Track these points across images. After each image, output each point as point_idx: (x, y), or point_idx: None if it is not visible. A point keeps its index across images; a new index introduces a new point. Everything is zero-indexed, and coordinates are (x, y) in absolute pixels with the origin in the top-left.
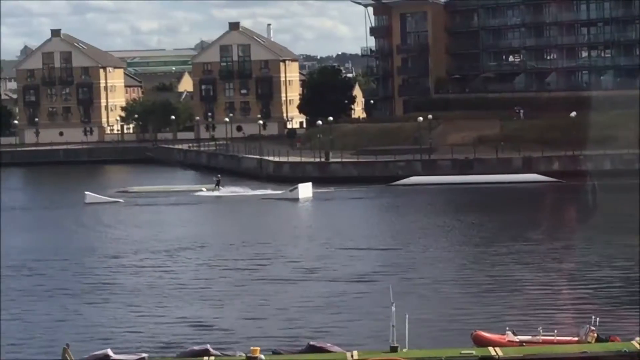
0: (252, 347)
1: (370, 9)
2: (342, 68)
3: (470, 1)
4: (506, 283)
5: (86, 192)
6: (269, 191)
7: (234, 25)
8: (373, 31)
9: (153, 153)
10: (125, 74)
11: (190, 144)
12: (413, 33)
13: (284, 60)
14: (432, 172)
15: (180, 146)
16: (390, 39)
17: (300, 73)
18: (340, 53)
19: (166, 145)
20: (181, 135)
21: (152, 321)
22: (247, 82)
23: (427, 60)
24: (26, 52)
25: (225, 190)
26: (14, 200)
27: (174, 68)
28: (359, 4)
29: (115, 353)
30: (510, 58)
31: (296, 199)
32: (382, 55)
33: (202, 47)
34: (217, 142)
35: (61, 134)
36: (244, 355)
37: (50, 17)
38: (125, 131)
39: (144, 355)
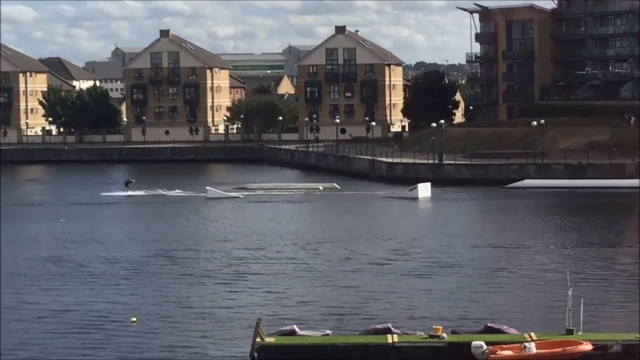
0: (434, 326)
1: (476, 16)
2: None
3: (577, 9)
4: None
5: (208, 188)
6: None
7: (340, 29)
8: (478, 37)
9: (261, 153)
10: (229, 75)
11: (297, 145)
12: (519, 40)
13: (388, 65)
14: (545, 175)
15: (287, 146)
16: (495, 45)
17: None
18: (419, 61)
19: (272, 146)
20: (285, 136)
21: (323, 302)
22: (352, 85)
23: (532, 67)
24: (117, 53)
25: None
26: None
27: (268, 71)
28: (465, 10)
29: (300, 329)
30: (617, 66)
31: (415, 198)
32: (487, 61)
33: (291, 52)
34: (326, 144)
35: (167, 132)
36: (424, 333)
37: (128, 21)
38: (229, 131)
39: (328, 331)
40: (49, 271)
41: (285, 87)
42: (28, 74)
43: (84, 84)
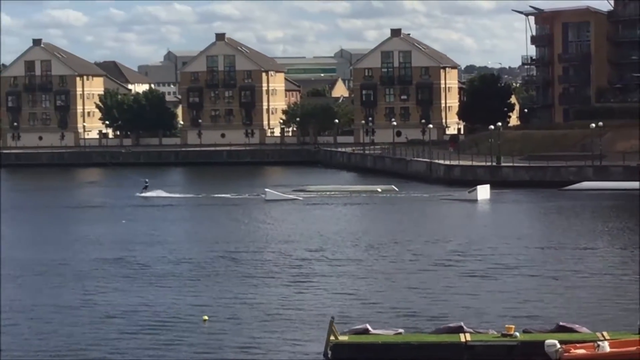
0: (506, 325)
1: (532, 18)
2: None
3: (634, 11)
4: None
5: (266, 190)
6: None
7: (396, 32)
8: (534, 40)
9: (317, 155)
10: (285, 78)
11: (353, 147)
12: (575, 42)
13: (444, 67)
14: (603, 177)
15: (343, 149)
16: (551, 47)
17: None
18: (469, 64)
19: (328, 148)
20: (340, 139)
21: (391, 302)
22: (408, 88)
23: (588, 70)
24: (169, 57)
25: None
26: (196, 196)
27: (322, 74)
28: (521, 13)
29: (373, 328)
30: None
31: (475, 200)
32: (543, 63)
33: (342, 55)
34: (383, 146)
35: (223, 135)
36: (496, 332)
37: (178, 25)
38: (285, 134)
39: (400, 330)
40: (114, 272)
41: (340, 90)
42: (85, 77)
43: (139, 88)
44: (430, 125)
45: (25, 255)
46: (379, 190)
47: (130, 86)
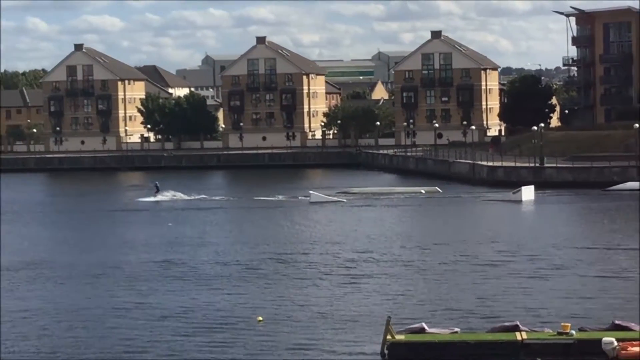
0: (562, 324)
1: (572, 19)
2: None
3: None
4: None
5: (311, 192)
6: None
7: (436, 34)
8: (575, 41)
9: (358, 158)
10: (325, 81)
11: (395, 150)
12: (616, 42)
13: (485, 69)
14: None
15: (385, 151)
16: (592, 48)
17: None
18: (505, 66)
19: (370, 151)
20: (381, 141)
21: (443, 301)
22: (448, 90)
23: (630, 70)
24: (207, 61)
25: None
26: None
27: (361, 77)
28: (562, 14)
29: (429, 327)
30: None
31: (519, 201)
32: (584, 64)
33: (380, 58)
34: (424, 148)
35: (264, 138)
36: (551, 331)
37: (214, 29)
38: (326, 137)
39: (456, 329)
40: (165, 274)
41: (379, 93)
42: (126, 81)
43: (179, 92)
44: (473, 127)
45: (75, 258)
46: (423, 191)
47: (170, 90)
